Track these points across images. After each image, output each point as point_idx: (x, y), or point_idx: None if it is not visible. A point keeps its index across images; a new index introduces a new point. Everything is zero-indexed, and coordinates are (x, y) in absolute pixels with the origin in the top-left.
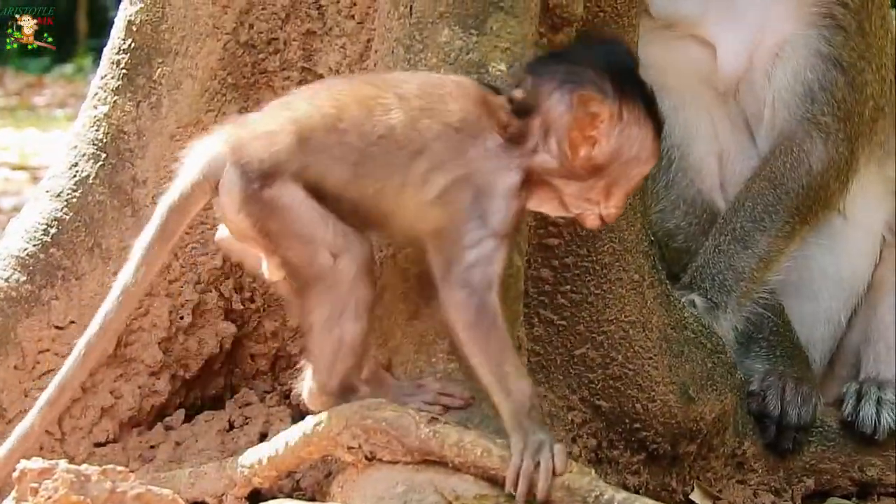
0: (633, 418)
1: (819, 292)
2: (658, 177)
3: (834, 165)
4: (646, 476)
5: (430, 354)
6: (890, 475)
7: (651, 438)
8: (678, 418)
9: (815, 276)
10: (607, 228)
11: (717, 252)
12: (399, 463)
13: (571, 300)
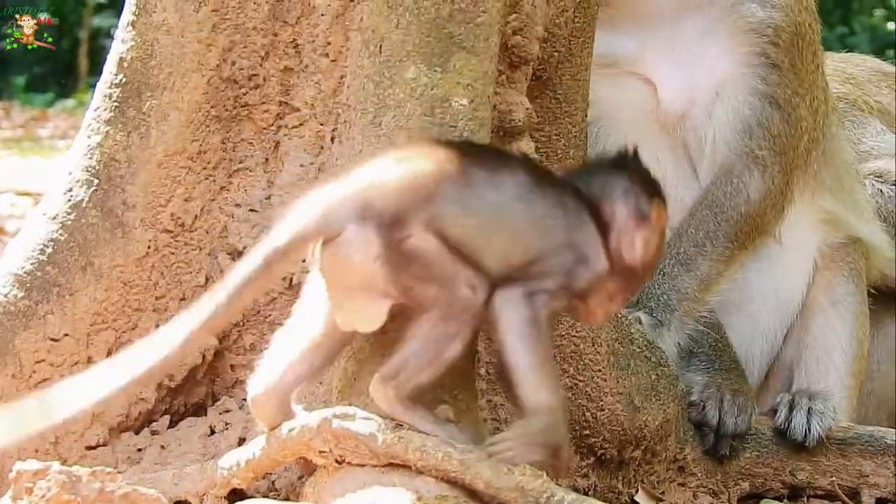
0: (583, 426)
1: (756, 311)
2: None
3: (770, 196)
4: (594, 479)
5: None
6: (819, 479)
7: (599, 444)
8: (625, 426)
9: (753, 297)
10: None
11: (661, 274)
12: (366, 466)
13: None
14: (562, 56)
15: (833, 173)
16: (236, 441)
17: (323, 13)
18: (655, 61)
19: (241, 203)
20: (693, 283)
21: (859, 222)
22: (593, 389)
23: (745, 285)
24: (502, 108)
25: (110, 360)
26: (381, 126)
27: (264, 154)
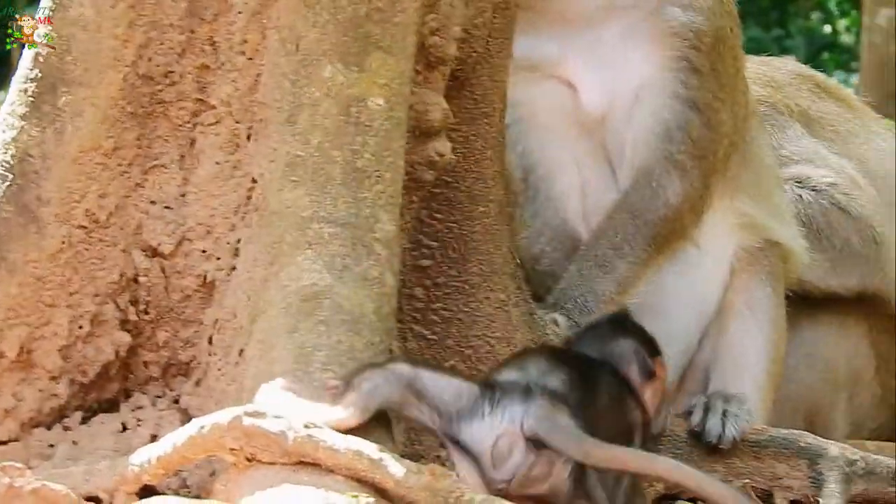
0: None
1: (673, 314)
2: (525, 206)
3: (689, 200)
4: None
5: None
6: (733, 481)
7: None
8: None
9: (670, 300)
10: (476, 251)
11: (579, 276)
12: (277, 464)
13: (442, 317)
14: (479, 57)
15: (752, 177)
16: (148, 438)
17: (240, 11)
18: (577, 64)
19: (156, 200)
20: (610, 285)
21: (778, 226)
22: None
23: (662, 288)
24: (419, 108)
25: None
26: (297, 124)
27: (180, 151)
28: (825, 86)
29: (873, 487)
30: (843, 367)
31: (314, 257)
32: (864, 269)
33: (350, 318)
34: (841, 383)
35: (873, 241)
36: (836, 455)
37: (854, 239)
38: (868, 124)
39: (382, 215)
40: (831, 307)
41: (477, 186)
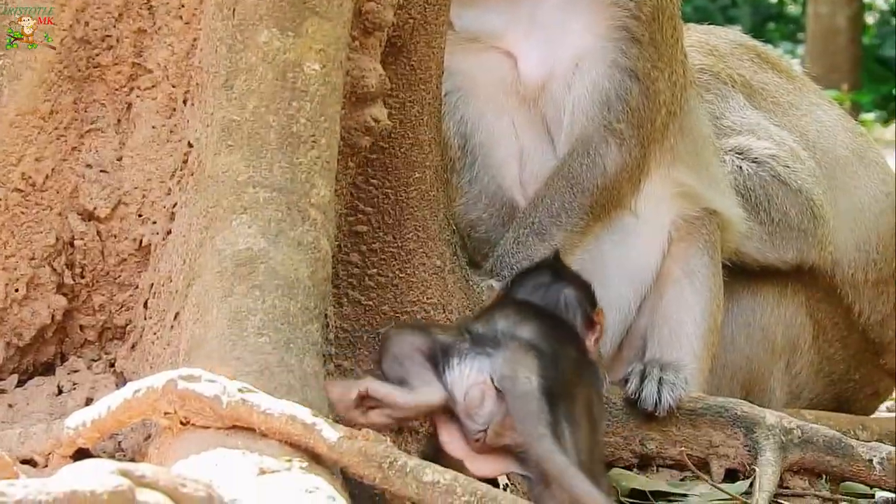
0: None
1: (610, 282)
2: (462, 173)
3: (627, 168)
4: None
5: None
6: (668, 448)
7: None
8: None
9: (608, 268)
10: (412, 217)
11: (516, 243)
12: (211, 428)
13: (378, 283)
14: (416, 23)
15: (690, 147)
16: (83, 401)
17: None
18: (518, 35)
19: (92, 164)
20: (547, 252)
21: (715, 196)
22: None
23: (600, 256)
24: (355, 73)
25: None
26: (233, 89)
27: (116, 115)
28: (766, 56)
29: (810, 456)
30: (780, 335)
31: (249, 222)
32: (802, 242)
33: (285, 283)
34: (778, 352)
35: (812, 214)
36: (772, 423)
37: (793, 212)
38: (808, 96)
39: (318, 180)
40: (769, 276)
41: (413, 152)
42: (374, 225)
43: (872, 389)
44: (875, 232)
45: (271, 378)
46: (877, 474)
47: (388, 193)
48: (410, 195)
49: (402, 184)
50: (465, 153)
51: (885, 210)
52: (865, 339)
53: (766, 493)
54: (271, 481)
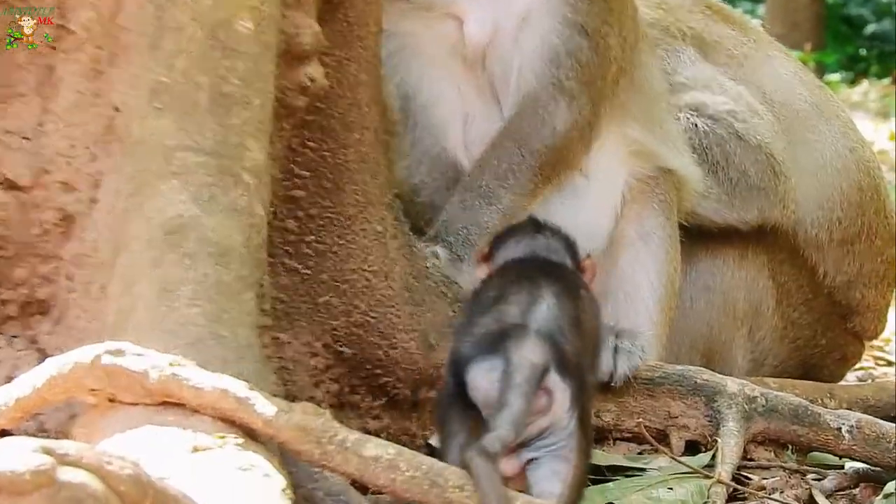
0: (374, 364)
1: None
2: (404, 135)
3: (577, 127)
4: (387, 421)
5: (172, 300)
6: (625, 420)
7: (392, 384)
8: (419, 365)
9: None
10: (351, 181)
11: (461, 207)
12: (139, 405)
13: (316, 250)
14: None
15: (642, 104)
16: (4, 380)
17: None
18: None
19: (13, 130)
20: (494, 216)
21: (669, 154)
22: (386, 326)
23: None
24: (289, 31)
25: None
26: (161, 49)
27: (38, 79)
28: (718, 8)
29: (774, 425)
30: (742, 300)
31: (179, 187)
32: (762, 201)
33: (217, 251)
34: (740, 317)
35: (773, 172)
36: (734, 392)
37: (752, 170)
38: (764, 48)
39: (251, 143)
40: (729, 238)
41: (351, 113)
42: (311, 189)
43: (840, 354)
44: (838, 189)
45: (203, 351)
46: (846, 444)
47: (325, 156)
48: (349, 158)
49: (341, 146)
50: (406, 115)
51: (847, 166)
52: (832, 302)
53: (730, 465)
54: (204, 459)
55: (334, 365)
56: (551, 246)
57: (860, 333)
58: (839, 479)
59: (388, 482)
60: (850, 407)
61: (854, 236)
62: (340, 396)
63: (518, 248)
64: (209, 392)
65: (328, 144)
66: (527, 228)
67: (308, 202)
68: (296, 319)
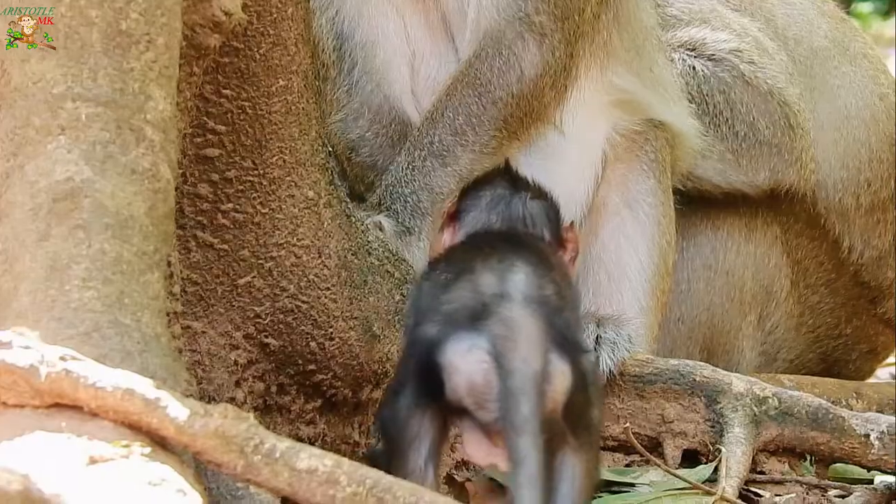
0: (307, 359)
1: None
2: (339, 81)
3: (549, 71)
4: (322, 426)
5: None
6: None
7: (329, 382)
8: (361, 359)
9: None
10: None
11: (410, 169)
12: (27, 407)
13: (234, 220)
14: None
15: (629, 42)
16: None
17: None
18: None
19: None
20: (450, 179)
21: (661, 103)
22: (320, 313)
23: None
24: None
25: None
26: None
27: None
28: None
29: (789, 432)
30: (750, 280)
31: (69, 145)
32: (775, 160)
33: (115, 222)
34: (748, 301)
35: (787, 124)
36: (741, 392)
37: (762, 122)
38: None
39: (155, 91)
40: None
41: (275, 54)
42: (229, 147)
43: (868, 346)
44: (866, 144)
45: (101, 342)
46: (875, 453)
47: (244, 107)
48: (273, 109)
49: (263, 94)
50: (341, 56)
51: (877, 116)
52: (858, 283)
53: (735, 480)
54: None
55: (258, 359)
56: (530, 208)
57: (892, 320)
58: (867, 495)
59: (325, 499)
60: (880, 409)
61: (886, 201)
62: (267, 397)
63: (491, 209)
64: (110, 392)
65: (248, 92)
66: (500, 182)
67: (224, 163)
68: (211, 305)
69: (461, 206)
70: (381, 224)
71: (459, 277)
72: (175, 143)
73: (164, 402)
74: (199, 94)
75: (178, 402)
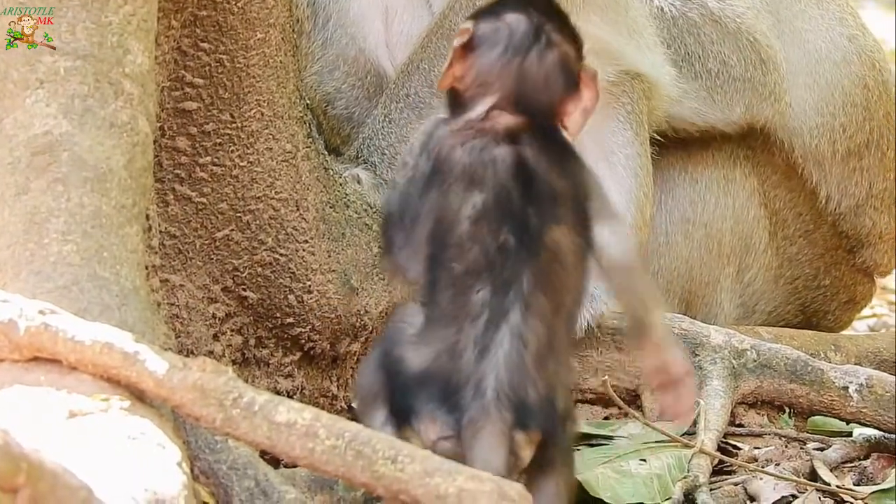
0: (285, 312)
1: None
2: (313, 34)
3: None
4: (301, 380)
5: (41, 235)
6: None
7: (307, 336)
8: (339, 312)
9: None
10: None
11: (387, 121)
12: (6, 361)
13: (212, 174)
14: None
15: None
16: None
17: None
18: None
19: None
20: None
21: (637, 53)
22: (298, 266)
23: None
24: None
25: None
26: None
27: None
28: None
29: (768, 384)
30: (728, 233)
31: (47, 99)
32: (749, 95)
33: (94, 175)
34: (726, 254)
35: (759, 58)
36: (720, 344)
37: (734, 58)
38: None
39: (133, 44)
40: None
41: (253, 7)
42: (207, 101)
43: (847, 297)
44: (838, 87)
45: (80, 295)
46: (854, 405)
47: (222, 60)
48: (251, 62)
49: (241, 48)
50: (315, 10)
51: (848, 58)
52: (836, 233)
53: (714, 433)
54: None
55: (237, 313)
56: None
57: (871, 270)
58: (846, 448)
59: (304, 453)
60: (859, 362)
61: (861, 147)
62: (245, 350)
63: (507, 66)
64: (89, 345)
65: (226, 45)
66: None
67: (202, 116)
68: (190, 258)
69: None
70: (359, 177)
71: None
72: (153, 97)
73: (142, 355)
74: (177, 47)
75: (157, 356)
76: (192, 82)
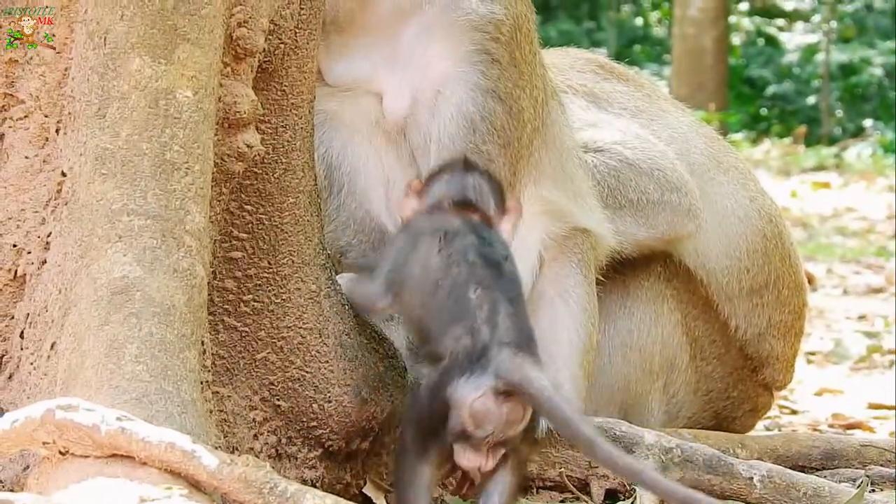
0: (310, 417)
1: None
2: (330, 200)
3: None
4: (322, 471)
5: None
6: (548, 470)
7: (327, 436)
8: (352, 417)
9: None
10: (286, 242)
11: None
12: (90, 457)
13: (254, 308)
14: (287, 48)
15: (555, 161)
16: None
17: (47, 5)
18: (383, 73)
19: None
20: None
21: (582, 212)
22: (321, 381)
23: None
24: (227, 99)
25: None
26: (106, 118)
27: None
28: (611, 67)
29: (690, 475)
30: (658, 355)
31: (124, 250)
32: (669, 215)
33: (161, 310)
34: (656, 372)
35: (672, 185)
36: (651, 443)
37: (651, 188)
38: (658, 102)
39: (192, 207)
40: (645, 295)
41: (286, 177)
42: (249, 251)
43: (751, 405)
44: (743, 237)
45: (149, 406)
46: (758, 492)
47: (262, 219)
48: (285, 220)
49: (276, 209)
50: (331, 182)
51: (749, 214)
52: (743, 355)
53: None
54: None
55: (272, 418)
56: (480, 187)
57: (770, 384)
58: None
59: None
60: (760, 457)
61: (762, 286)
62: (278, 448)
63: (451, 185)
64: (156, 445)
65: (265, 208)
66: (458, 166)
67: (246, 263)
68: (235, 374)
69: (427, 184)
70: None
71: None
72: (208, 248)
73: (198, 453)
74: (226, 208)
75: (210, 454)
76: (238, 236)
